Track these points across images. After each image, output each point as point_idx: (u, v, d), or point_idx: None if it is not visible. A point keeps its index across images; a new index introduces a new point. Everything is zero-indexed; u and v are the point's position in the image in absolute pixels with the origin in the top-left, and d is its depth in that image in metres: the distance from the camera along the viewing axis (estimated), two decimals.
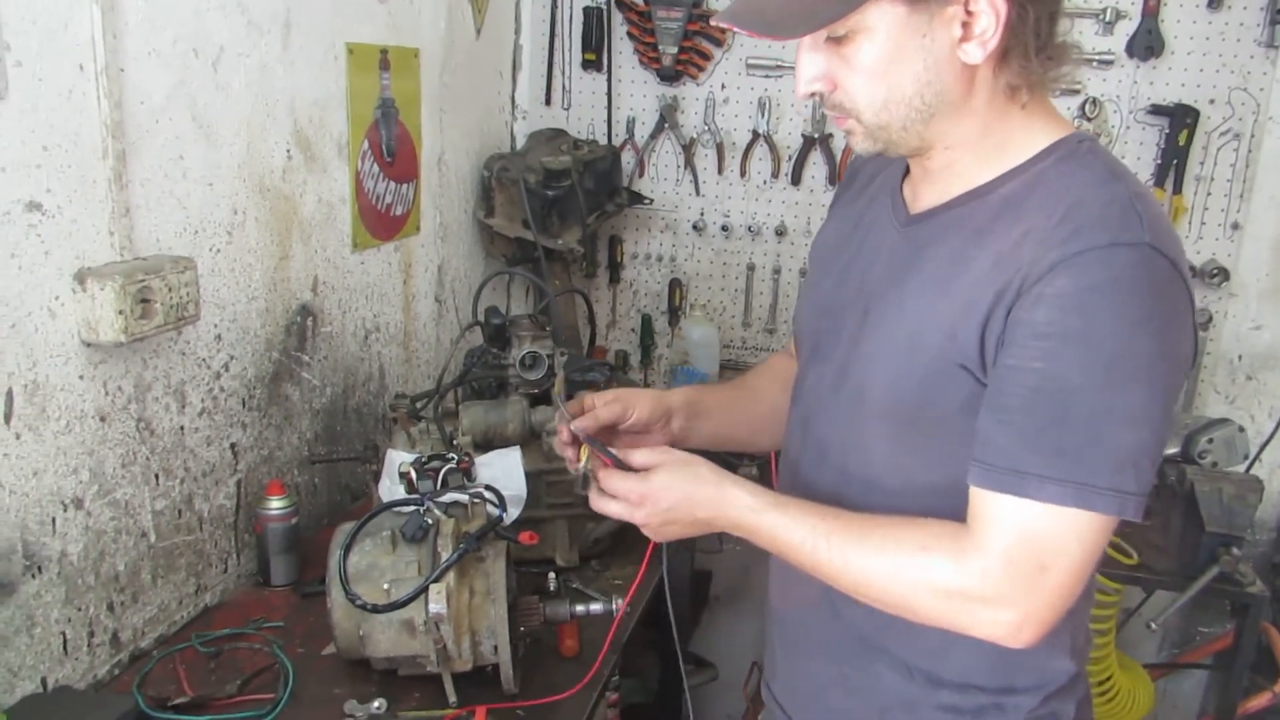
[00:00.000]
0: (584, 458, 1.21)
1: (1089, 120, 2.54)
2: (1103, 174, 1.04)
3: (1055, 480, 0.97)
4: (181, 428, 1.58)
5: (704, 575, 2.90)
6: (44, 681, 1.37)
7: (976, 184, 1.09)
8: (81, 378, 1.38)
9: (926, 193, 1.15)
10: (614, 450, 1.18)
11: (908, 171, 1.20)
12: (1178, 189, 2.55)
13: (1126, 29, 2.50)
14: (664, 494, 1.14)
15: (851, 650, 1.22)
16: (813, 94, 1.07)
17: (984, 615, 1.02)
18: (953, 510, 1.06)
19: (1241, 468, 2.33)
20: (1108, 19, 2.49)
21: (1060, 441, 0.97)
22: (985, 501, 1.01)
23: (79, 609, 1.42)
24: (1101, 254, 0.96)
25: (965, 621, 1.04)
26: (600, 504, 1.19)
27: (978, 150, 1.08)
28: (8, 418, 1.28)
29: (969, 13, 0.99)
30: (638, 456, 1.17)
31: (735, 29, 1.02)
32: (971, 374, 1.04)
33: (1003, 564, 0.99)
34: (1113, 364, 0.96)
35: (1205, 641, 2.68)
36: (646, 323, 2.94)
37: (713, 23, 1.09)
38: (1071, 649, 1.19)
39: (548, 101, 2.86)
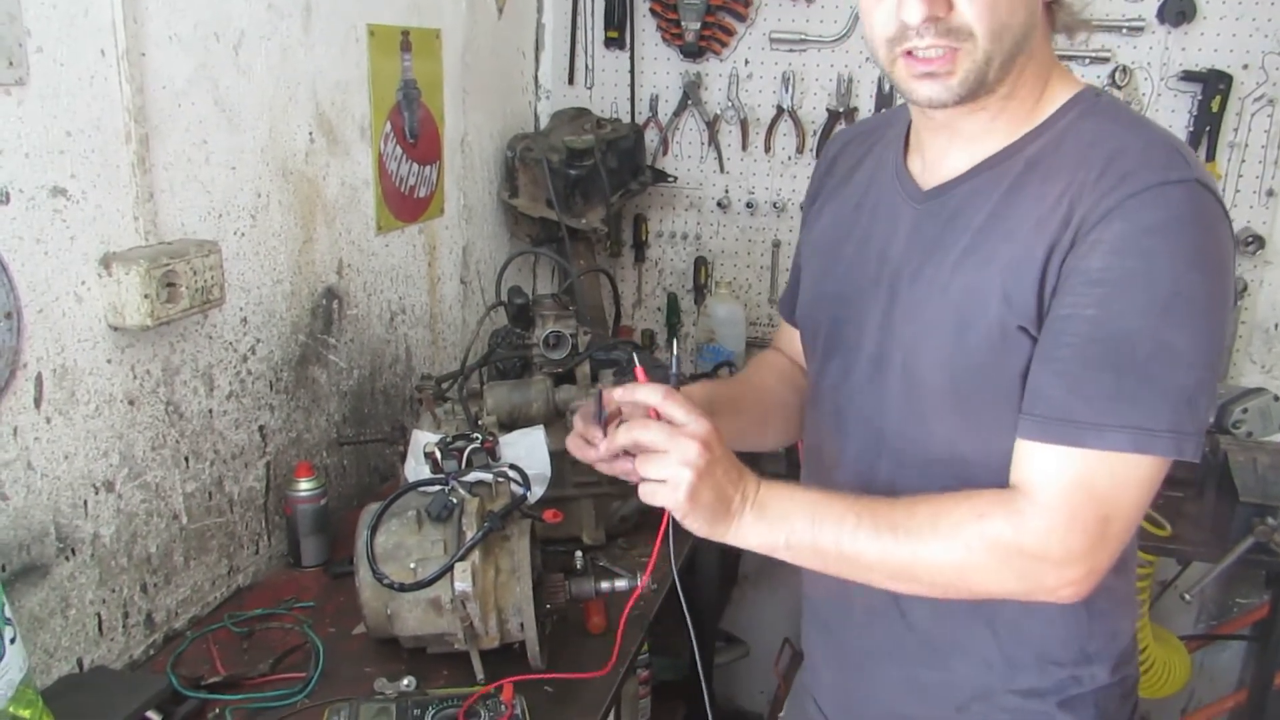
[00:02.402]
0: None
1: (1119, 89, 2.49)
2: (1130, 122, 1.04)
3: (1113, 427, 0.94)
4: (210, 411, 1.60)
5: (733, 553, 2.89)
6: (80, 662, 1.39)
7: (1003, 145, 1.07)
8: (109, 362, 1.40)
9: (948, 161, 1.11)
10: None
11: (905, 150, 1.17)
12: (1211, 156, 2.49)
13: None
14: (721, 448, 1.02)
15: (921, 652, 1.18)
16: (932, 18, 0.99)
17: (1051, 575, 0.98)
18: None
19: (1278, 437, 2.29)
20: None
21: (1116, 386, 0.95)
22: (1038, 454, 0.98)
23: (113, 590, 1.44)
24: (1156, 193, 0.95)
25: (1030, 584, 1.00)
26: (640, 435, 1.03)
27: (1027, 97, 1.06)
28: (38, 402, 1.29)
29: None
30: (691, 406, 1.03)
31: None
32: (1030, 335, 1.02)
33: (1066, 519, 0.96)
34: (1171, 304, 0.95)
35: (1242, 613, 2.64)
36: (672, 301, 2.93)
37: None
38: (1131, 607, 1.17)
39: (570, 80, 2.84)
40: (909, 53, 1.02)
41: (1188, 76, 2.48)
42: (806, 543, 1.04)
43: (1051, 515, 0.97)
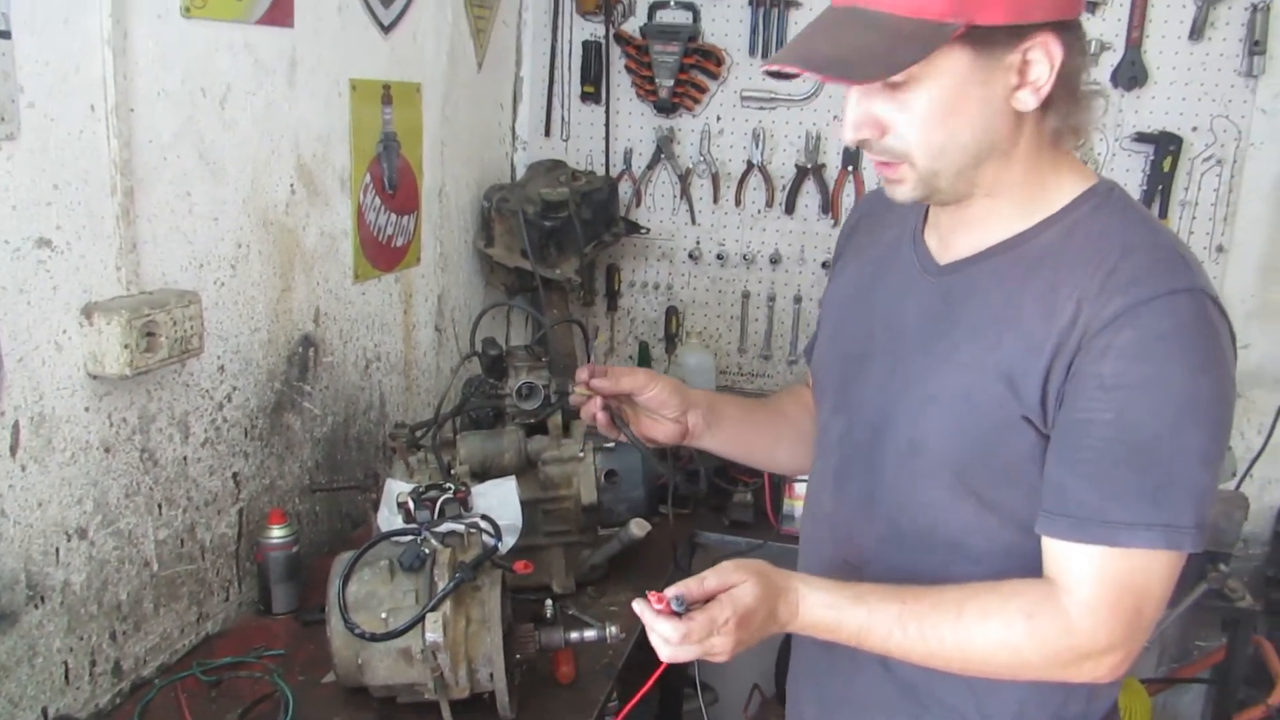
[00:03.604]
0: (580, 393, 1.26)
1: (1076, 148, 2.57)
2: (1139, 221, 1.07)
3: (1144, 526, 1.00)
4: (185, 458, 1.61)
5: None
6: (45, 712, 1.39)
7: (1013, 232, 1.10)
8: (87, 410, 1.41)
9: (959, 241, 1.14)
10: (683, 590, 1.05)
11: (924, 220, 1.20)
12: (1163, 214, 2.59)
13: (1111, 60, 2.55)
14: (753, 615, 1.07)
15: (903, 704, 1.21)
16: (861, 140, 1.05)
17: (1092, 666, 1.05)
18: (1018, 559, 1.08)
19: (1231, 484, 2.36)
20: (1093, 50, 2.54)
21: (1143, 488, 1.00)
22: (1073, 554, 1.03)
23: (81, 638, 1.44)
24: (1166, 301, 0.99)
25: (1074, 671, 1.06)
26: (676, 653, 1.06)
27: (1017, 197, 1.09)
28: (14, 450, 1.31)
29: (1025, 60, 1.00)
30: (710, 581, 1.07)
31: (805, 73, 1.01)
32: (1033, 425, 1.05)
33: (1109, 615, 1.02)
34: (1184, 408, 0.99)
35: (1202, 655, 2.69)
36: (644, 350, 2.97)
37: (771, 66, 1.04)
38: (1115, 684, 1.19)
39: (547, 133, 2.91)
40: None
41: (1140, 138, 2.59)
42: (853, 646, 1.10)
43: (1095, 613, 1.02)
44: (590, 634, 1.50)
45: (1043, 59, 0.99)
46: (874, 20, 0.98)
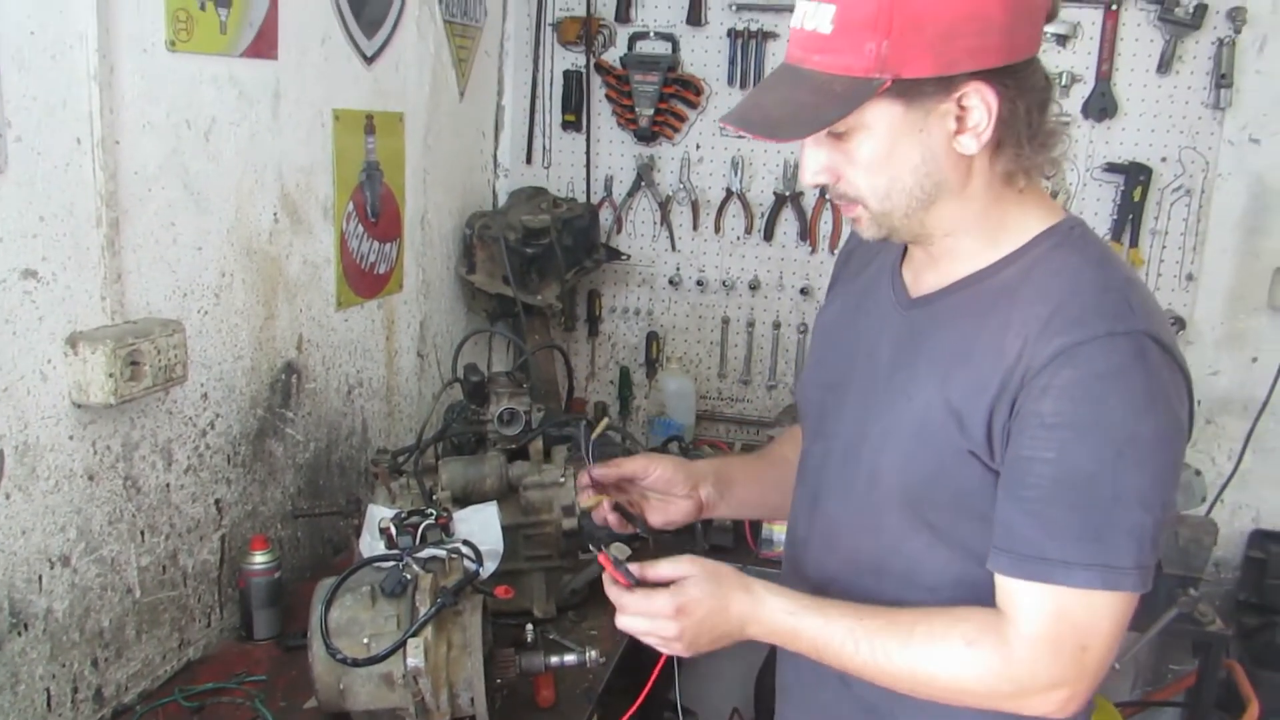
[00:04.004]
0: (588, 501, 1.30)
1: (1048, 178, 2.63)
2: (1095, 261, 1.09)
3: (1082, 565, 1.01)
4: (167, 485, 1.63)
5: None
6: None
7: (975, 268, 1.13)
8: (71, 438, 1.43)
9: (927, 276, 1.18)
10: (636, 568, 1.15)
11: (905, 253, 1.23)
12: (1134, 243, 2.65)
13: (1082, 92, 2.62)
14: (698, 607, 1.13)
15: (864, 712, 1.24)
16: (818, 184, 1.12)
17: (1038, 701, 1.07)
18: (970, 589, 1.11)
19: (1201, 510, 2.40)
20: (1064, 83, 2.61)
21: (1082, 528, 1.02)
22: (1017, 589, 1.05)
23: (63, 665, 1.45)
24: (1102, 344, 1.01)
25: (1016, 706, 1.08)
26: (628, 625, 1.16)
27: (977, 235, 1.12)
28: None
29: (962, 107, 1.03)
30: (663, 568, 1.16)
31: (743, 133, 1.08)
32: (980, 460, 1.08)
33: (1049, 651, 1.04)
34: (1123, 450, 1.01)
35: (1175, 679, 2.73)
36: (625, 375, 3.00)
37: (722, 124, 1.12)
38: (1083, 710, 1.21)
39: (529, 160, 2.94)
40: None
41: (1111, 168, 2.65)
42: (811, 656, 1.14)
43: (1035, 646, 1.04)
44: (570, 658, 1.52)
45: (980, 105, 1.03)
46: (807, 79, 1.04)
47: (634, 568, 1.14)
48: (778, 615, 1.14)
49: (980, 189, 1.09)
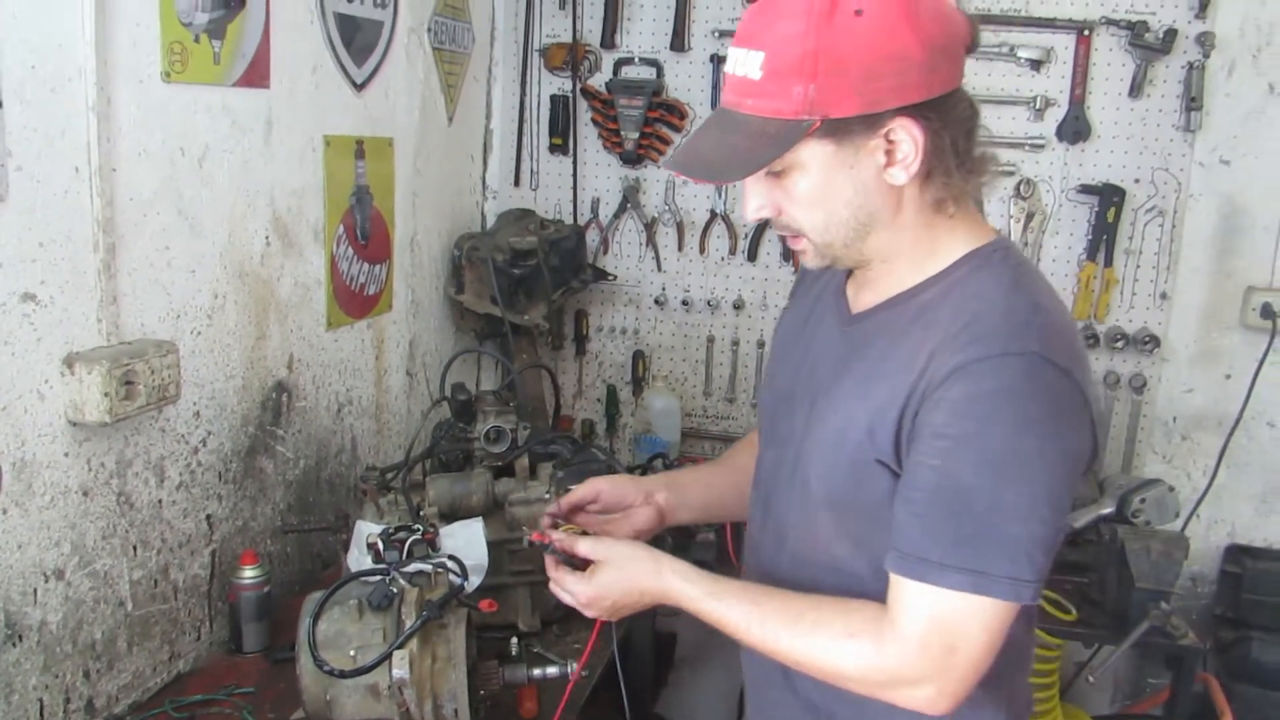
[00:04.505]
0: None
1: (1024, 199, 2.70)
2: (1007, 284, 1.15)
3: (954, 568, 1.07)
4: (160, 501, 1.67)
5: (669, 637, 2.97)
6: None
7: (904, 288, 1.21)
8: (67, 455, 1.47)
9: (865, 294, 1.26)
10: (558, 539, 1.34)
11: (850, 271, 1.30)
12: (1109, 262, 2.71)
13: (1056, 115, 2.69)
14: (609, 591, 1.28)
15: (806, 712, 1.31)
16: (760, 219, 1.20)
17: (904, 692, 1.13)
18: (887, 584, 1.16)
19: (1176, 525, 2.45)
20: (1039, 106, 2.67)
21: (958, 533, 1.08)
22: (899, 586, 1.12)
23: (56, 676, 1.49)
24: (993, 363, 1.08)
25: (888, 696, 1.15)
26: (557, 593, 1.34)
27: (910, 258, 1.20)
28: None
29: (890, 142, 1.10)
30: (582, 546, 1.31)
31: (683, 176, 1.17)
32: (889, 469, 1.15)
33: (917, 648, 1.10)
34: (1001, 464, 1.07)
35: (1153, 692, 2.77)
36: (611, 393, 3.05)
37: (665, 168, 1.23)
38: (1009, 714, 1.28)
39: (516, 183, 3.00)
40: None
41: (1085, 189, 2.71)
42: (720, 629, 1.24)
43: (905, 642, 1.10)
44: (553, 670, 1.56)
45: (906, 139, 1.10)
46: (742, 123, 1.12)
47: (559, 538, 1.34)
48: (681, 600, 1.25)
49: (912, 216, 1.17)
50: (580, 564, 1.32)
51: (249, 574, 1.79)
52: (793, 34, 1.07)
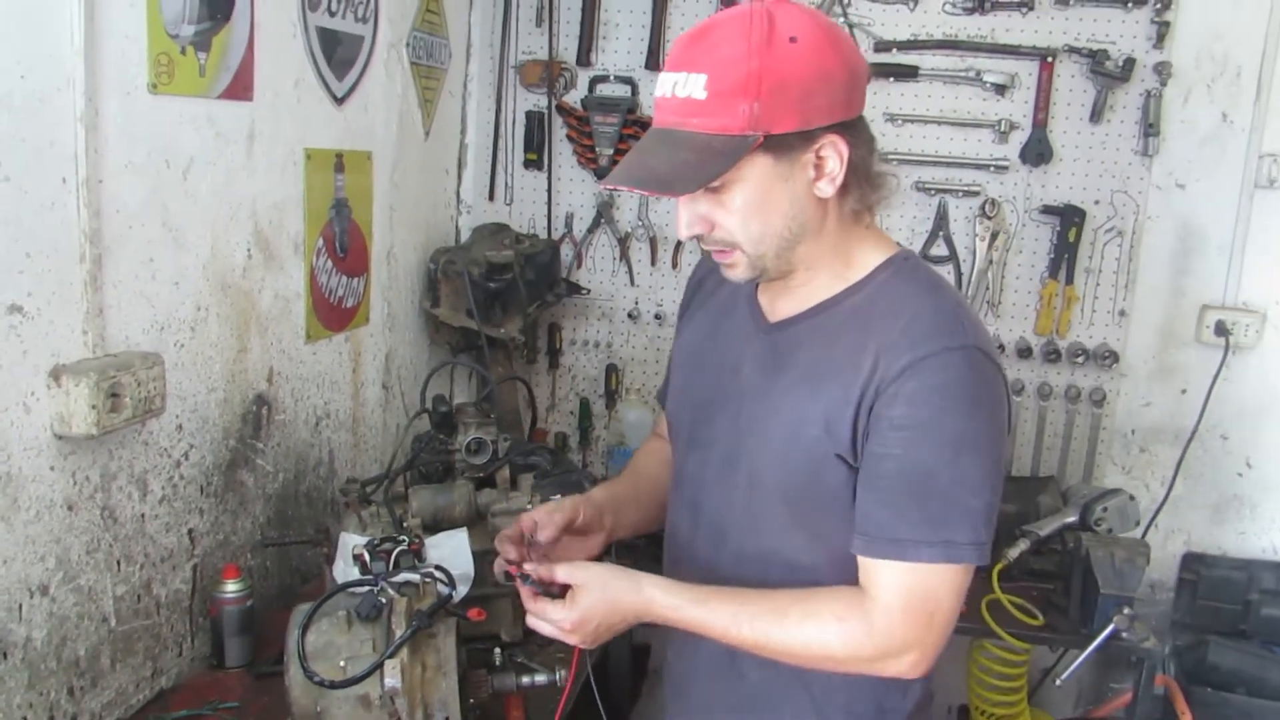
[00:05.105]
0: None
1: (989, 218, 2.78)
2: (928, 288, 1.29)
3: (927, 543, 1.21)
4: (143, 515, 1.66)
5: (643, 649, 2.98)
6: None
7: (827, 296, 1.31)
8: (52, 469, 1.46)
9: (783, 303, 1.35)
10: (533, 569, 1.33)
11: (757, 284, 1.39)
12: (1070, 280, 2.79)
13: (1019, 138, 2.76)
14: (592, 614, 1.30)
15: (754, 705, 1.41)
16: (695, 235, 1.27)
17: (893, 662, 1.25)
18: (839, 571, 1.27)
19: (1137, 533, 2.52)
20: (1003, 129, 2.75)
21: (926, 511, 1.21)
22: (875, 568, 1.24)
23: (41, 693, 1.47)
24: (939, 359, 1.20)
25: (879, 669, 1.26)
26: (536, 626, 1.35)
27: (829, 267, 1.31)
28: None
29: (820, 157, 1.21)
30: (560, 572, 1.32)
31: (635, 191, 1.24)
32: (845, 461, 1.26)
33: (903, 620, 1.23)
34: (957, 446, 1.21)
35: (1114, 696, 2.84)
36: (585, 406, 3.07)
37: (606, 186, 1.29)
38: (924, 684, 1.40)
39: (491, 197, 3.02)
40: None
41: (1047, 210, 2.79)
42: (698, 634, 1.31)
43: (891, 615, 1.22)
44: (540, 678, 1.58)
45: (833, 154, 1.21)
46: (687, 140, 1.19)
47: (533, 569, 1.33)
48: (665, 612, 1.30)
49: (834, 228, 1.27)
50: (557, 591, 1.33)
51: (231, 588, 1.78)
52: (735, 56, 1.15)
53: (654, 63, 2.87)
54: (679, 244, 2.95)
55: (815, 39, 1.17)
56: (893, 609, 1.22)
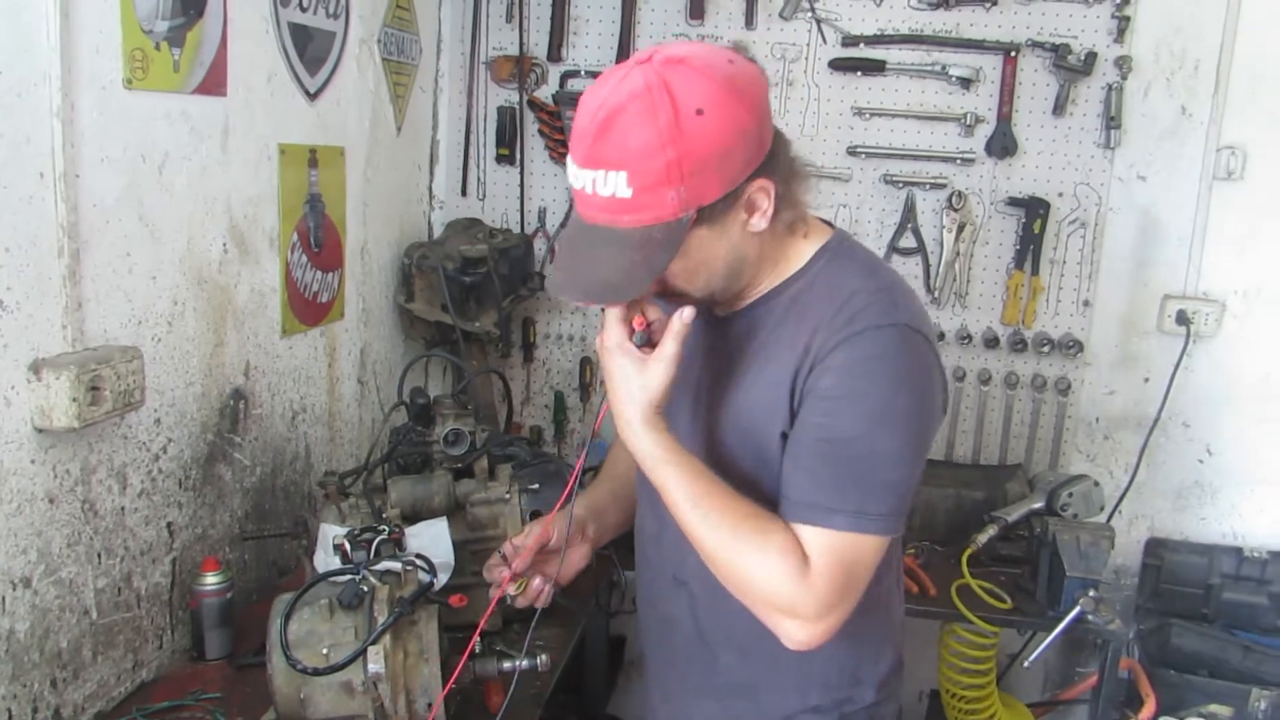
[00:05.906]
0: (513, 588, 1.54)
1: (956, 210, 2.83)
2: (862, 269, 1.33)
3: (841, 511, 1.23)
4: (122, 508, 1.66)
5: (619, 640, 3.01)
6: None
7: (770, 288, 1.35)
8: (33, 462, 1.46)
9: (730, 301, 1.39)
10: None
11: None
12: (1035, 271, 2.84)
13: (985, 132, 2.82)
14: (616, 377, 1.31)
15: (730, 689, 1.45)
16: (649, 299, 1.31)
17: (806, 628, 1.25)
18: None
19: (1101, 518, 2.58)
20: (968, 123, 2.80)
21: (840, 481, 1.24)
22: (801, 533, 1.25)
23: (24, 686, 1.48)
24: (874, 333, 1.24)
25: (783, 616, 1.26)
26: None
27: (770, 271, 1.35)
28: None
29: (750, 202, 1.23)
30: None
31: (591, 304, 1.30)
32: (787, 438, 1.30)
33: (826, 583, 1.23)
34: (879, 419, 1.24)
35: (1081, 679, 2.90)
36: (559, 399, 3.09)
37: (556, 294, 1.36)
38: (894, 649, 1.47)
39: (464, 192, 3.03)
40: None
41: (1013, 202, 2.84)
42: (661, 495, 1.32)
43: (817, 581, 1.23)
44: (522, 664, 1.60)
45: (762, 196, 1.24)
46: (625, 238, 1.19)
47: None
48: (643, 454, 1.31)
49: (770, 243, 1.31)
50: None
51: (211, 580, 1.79)
52: (649, 147, 1.14)
53: (624, 58, 2.88)
54: None
55: (719, 102, 1.15)
56: (821, 572, 1.23)
